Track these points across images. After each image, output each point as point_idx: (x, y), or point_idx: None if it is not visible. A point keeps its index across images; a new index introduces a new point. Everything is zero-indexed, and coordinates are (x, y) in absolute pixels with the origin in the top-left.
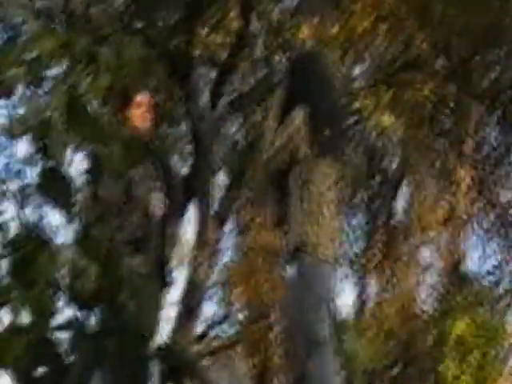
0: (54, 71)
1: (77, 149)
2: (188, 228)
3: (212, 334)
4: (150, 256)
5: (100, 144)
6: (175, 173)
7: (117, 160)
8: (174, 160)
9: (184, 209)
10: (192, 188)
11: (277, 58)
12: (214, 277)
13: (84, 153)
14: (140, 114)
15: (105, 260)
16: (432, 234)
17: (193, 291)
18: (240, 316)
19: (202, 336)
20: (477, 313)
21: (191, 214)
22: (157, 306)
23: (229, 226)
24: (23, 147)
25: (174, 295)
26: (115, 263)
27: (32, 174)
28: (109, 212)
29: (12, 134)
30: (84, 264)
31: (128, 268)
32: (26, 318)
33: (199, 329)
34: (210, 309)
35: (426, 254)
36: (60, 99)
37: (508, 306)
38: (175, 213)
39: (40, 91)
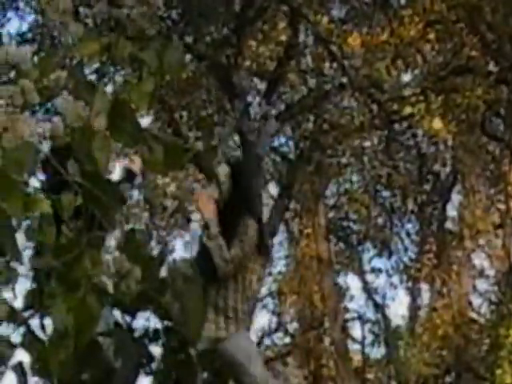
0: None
1: (120, 154)
2: None
3: (265, 343)
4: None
5: (143, 148)
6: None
7: (159, 163)
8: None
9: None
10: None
11: (326, 66)
12: (267, 287)
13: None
14: None
15: (148, 263)
16: (485, 239)
17: (246, 301)
18: (292, 326)
19: (256, 345)
20: None
21: None
22: (202, 309)
23: (279, 237)
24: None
25: None
26: (158, 266)
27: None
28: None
29: (54, 139)
30: (127, 267)
31: (171, 270)
32: (71, 323)
33: (253, 338)
34: (263, 319)
35: (479, 259)
36: (104, 103)
37: None
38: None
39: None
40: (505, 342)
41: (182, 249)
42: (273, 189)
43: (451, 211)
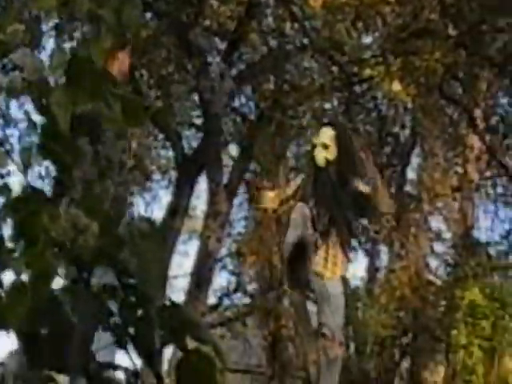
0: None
1: (77, 109)
2: (199, 199)
3: (225, 304)
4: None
5: (101, 103)
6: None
7: (117, 119)
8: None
9: (196, 180)
10: (203, 160)
11: (287, 27)
12: (226, 248)
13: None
14: None
15: (106, 218)
16: (442, 202)
17: (204, 262)
18: (251, 286)
19: (215, 306)
20: (488, 280)
21: (202, 185)
22: (160, 265)
23: (239, 198)
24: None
25: (186, 266)
26: (116, 221)
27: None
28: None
29: (11, 92)
30: (85, 222)
31: (130, 227)
32: (28, 278)
33: (212, 299)
34: (222, 279)
35: (436, 222)
36: (61, 58)
37: None
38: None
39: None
40: (460, 303)
41: (140, 206)
42: (233, 149)
43: (410, 174)
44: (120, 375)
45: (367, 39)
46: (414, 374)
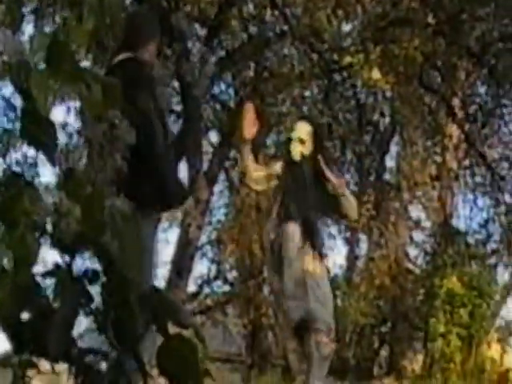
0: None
1: (58, 91)
2: None
3: (205, 292)
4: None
5: (81, 86)
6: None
7: (97, 103)
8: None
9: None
10: (183, 147)
11: (267, 14)
12: (206, 235)
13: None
14: None
15: (88, 201)
16: (421, 191)
17: (185, 250)
18: (232, 274)
19: (195, 294)
20: (466, 269)
21: (182, 172)
22: (141, 249)
23: (219, 186)
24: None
25: (166, 254)
26: (98, 205)
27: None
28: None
29: None
30: (67, 206)
31: (110, 209)
32: (9, 262)
33: (192, 287)
34: (202, 267)
35: (415, 211)
36: (42, 41)
37: (497, 262)
38: None
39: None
40: (439, 292)
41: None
42: (213, 137)
43: (389, 162)
44: (101, 360)
45: (347, 27)
46: (392, 362)
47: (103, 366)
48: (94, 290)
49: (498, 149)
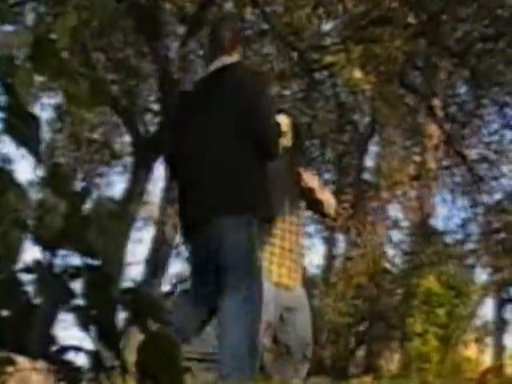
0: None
1: (42, 88)
2: (156, 186)
3: (179, 290)
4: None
5: (67, 82)
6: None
7: (85, 98)
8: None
9: (152, 166)
10: (160, 146)
11: (248, 12)
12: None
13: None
14: None
15: (72, 198)
16: (400, 190)
17: (160, 249)
18: None
19: (169, 293)
20: (445, 268)
21: (159, 171)
22: (124, 246)
23: None
24: None
25: (141, 253)
26: (83, 201)
27: None
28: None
29: None
30: (52, 202)
31: (97, 206)
32: None
33: (166, 286)
34: (177, 266)
35: (394, 210)
36: (27, 35)
37: (475, 262)
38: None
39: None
40: (417, 291)
41: (106, 185)
42: None
43: (369, 162)
44: (82, 358)
45: (328, 26)
46: (369, 361)
47: (84, 363)
48: (76, 287)
49: (478, 149)
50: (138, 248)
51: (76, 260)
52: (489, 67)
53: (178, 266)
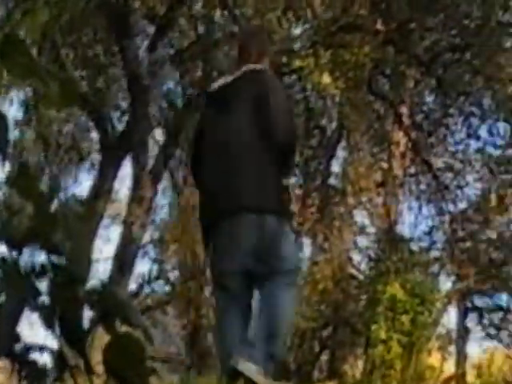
0: None
1: (10, 87)
2: (123, 184)
3: (145, 291)
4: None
5: (37, 82)
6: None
7: (55, 99)
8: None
9: (120, 164)
10: (128, 144)
11: (217, 14)
12: (149, 234)
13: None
14: None
15: (39, 199)
16: (367, 196)
17: (127, 248)
18: (173, 274)
19: (136, 293)
20: (409, 276)
21: (127, 170)
22: (90, 246)
23: (163, 184)
24: None
25: (108, 251)
26: (50, 202)
27: None
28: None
29: None
30: (19, 203)
31: (63, 207)
32: None
33: (133, 286)
34: (144, 266)
35: (360, 216)
36: None
37: (440, 269)
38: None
39: None
40: (382, 298)
41: (73, 186)
42: (159, 135)
43: (335, 167)
44: (46, 357)
45: (297, 30)
46: (333, 366)
47: (48, 362)
48: (41, 286)
49: (444, 158)
50: (106, 246)
51: (42, 258)
52: (456, 77)
53: (144, 266)
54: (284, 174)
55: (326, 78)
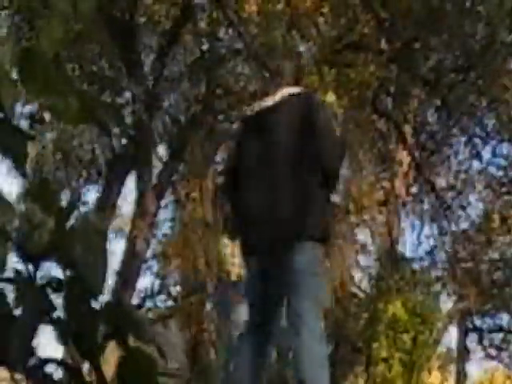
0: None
1: (27, 102)
2: (127, 198)
3: (148, 305)
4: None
5: (55, 98)
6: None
7: (73, 114)
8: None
9: (124, 179)
10: (133, 159)
11: (222, 31)
12: (152, 249)
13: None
14: None
15: (59, 213)
16: (369, 215)
17: (130, 262)
18: (175, 289)
19: (138, 307)
20: (411, 295)
21: (131, 184)
22: (107, 262)
23: (166, 199)
24: None
25: (111, 265)
26: (69, 216)
27: None
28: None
29: None
30: (40, 217)
31: (83, 222)
32: None
33: (135, 300)
34: (146, 280)
35: (362, 235)
36: (12, 49)
37: (441, 289)
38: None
39: None
40: (383, 316)
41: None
42: (162, 150)
43: (339, 185)
44: (60, 371)
45: (302, 48)
46: None
47: (63, 375)
48: (58, 300)
49: (447, 178)
50: (109, 260)
51: (58, 272)
52: (460, 97)
53: (146, 281)
54: (328, 196)
55: (330, 97)
